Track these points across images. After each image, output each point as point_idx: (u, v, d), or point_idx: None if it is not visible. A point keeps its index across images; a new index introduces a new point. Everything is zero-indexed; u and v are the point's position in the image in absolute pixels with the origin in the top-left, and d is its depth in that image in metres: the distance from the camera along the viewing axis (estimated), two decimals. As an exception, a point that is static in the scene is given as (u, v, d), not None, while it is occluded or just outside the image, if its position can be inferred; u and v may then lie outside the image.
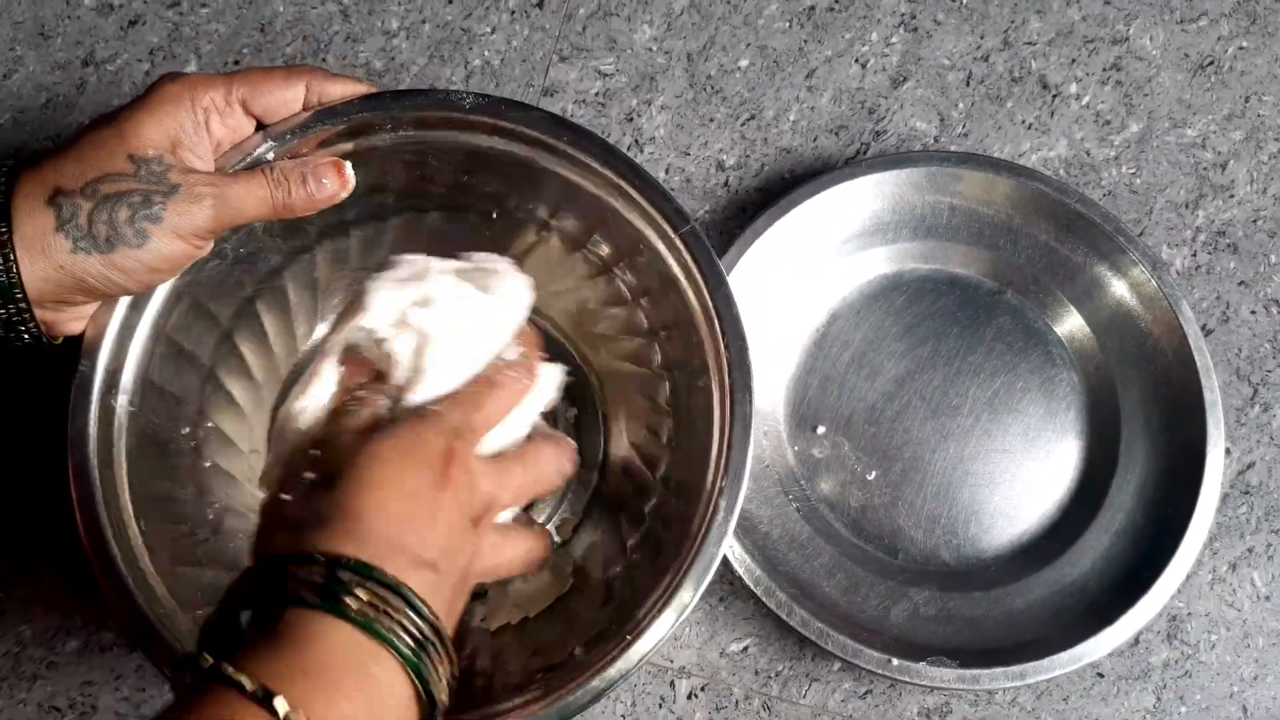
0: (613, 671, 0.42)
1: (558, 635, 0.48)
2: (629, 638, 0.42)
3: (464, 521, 0.37)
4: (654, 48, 0.62)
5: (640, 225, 0.48)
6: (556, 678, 0.43)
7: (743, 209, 0.60)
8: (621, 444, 0.54)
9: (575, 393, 0.55)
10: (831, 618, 0.51)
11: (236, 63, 0.61)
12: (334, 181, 0.45)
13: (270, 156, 0.45)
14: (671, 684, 0.53)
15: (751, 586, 0.51)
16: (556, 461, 0.43)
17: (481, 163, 0.50)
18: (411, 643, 0.33)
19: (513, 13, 0.62)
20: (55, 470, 0.43)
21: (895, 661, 0.50)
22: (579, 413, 0.55)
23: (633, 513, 0.51)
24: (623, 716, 0.53)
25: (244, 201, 0.42)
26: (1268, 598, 0.55)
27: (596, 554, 0.52)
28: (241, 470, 0.52)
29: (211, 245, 0.44)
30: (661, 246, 0.48)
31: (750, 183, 0.60)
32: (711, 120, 0.61)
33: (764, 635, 0.54)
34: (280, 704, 0.29)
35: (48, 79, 0.60)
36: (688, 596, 0.43)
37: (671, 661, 0.54)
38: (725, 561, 0.52)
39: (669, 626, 0.42)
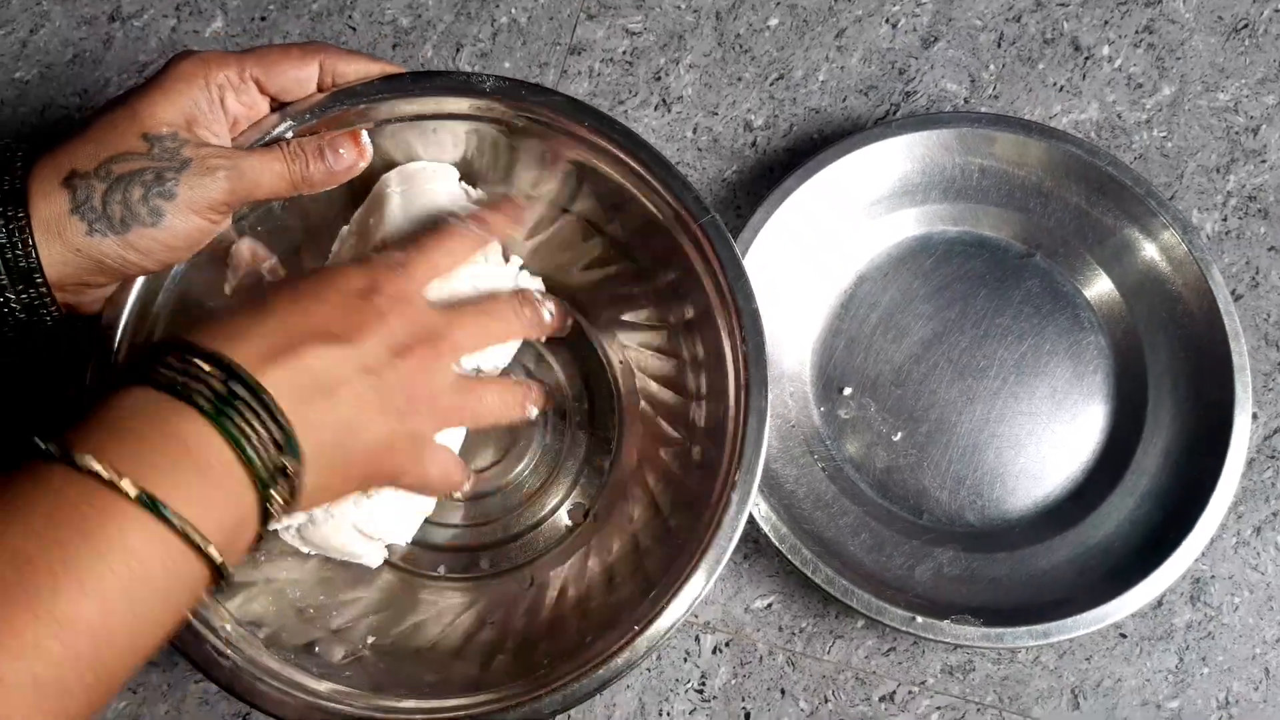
0: (619, 661, 0.43)
1: (575, 625, 0.49)
2: (636, 629, 0.43)
3: (379, 344, 0.38)
4: (682, 6, 0.61)
5: (659, 213, 0.48)
6: (562, 665, 0.43)
7: (770, 169, 0.60)
8: (636, 431, 0.54)
9: (591, 381, 0.55)
10: (856, 576, 0.52)
11: (263, 19, 0.60)
12: (352, 152, 0.45)
13: (289, 136, 0.45)
14: (696, 639, 0.54)
15: (777, 544, 0.51)
16: (516, 311, 0.45)
17: (501, 146, 0.49)
18: (212, 396, 0.33)
19: (541, -30, 0.61)
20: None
21: (919, 619, 0.50)
22: (592, 400, 0.55)
23: (646, 501, 0.51)
24: (648, 670, 0.53)
25: (259, 175, 0.42)
26: (1291, 562, 0.55)
27: (608, 542, 0.52)
28: None
29: (229, 221, 0.44)
30: (681, 236, 0.48)
31: (778, 143, 0.60)
32: (740, 80, 0.61)
33: (788, 592, 0.54)
34: (85, 460, 0.31)
35: (74, 34, 0.60)
36: (698, 587, 0.43)
37: (696, 617, 0.54)
38: (750, 519, 0.52)
39: (679, 615, 0.43)
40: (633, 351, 0.54)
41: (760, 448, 0.45)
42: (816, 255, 0.57)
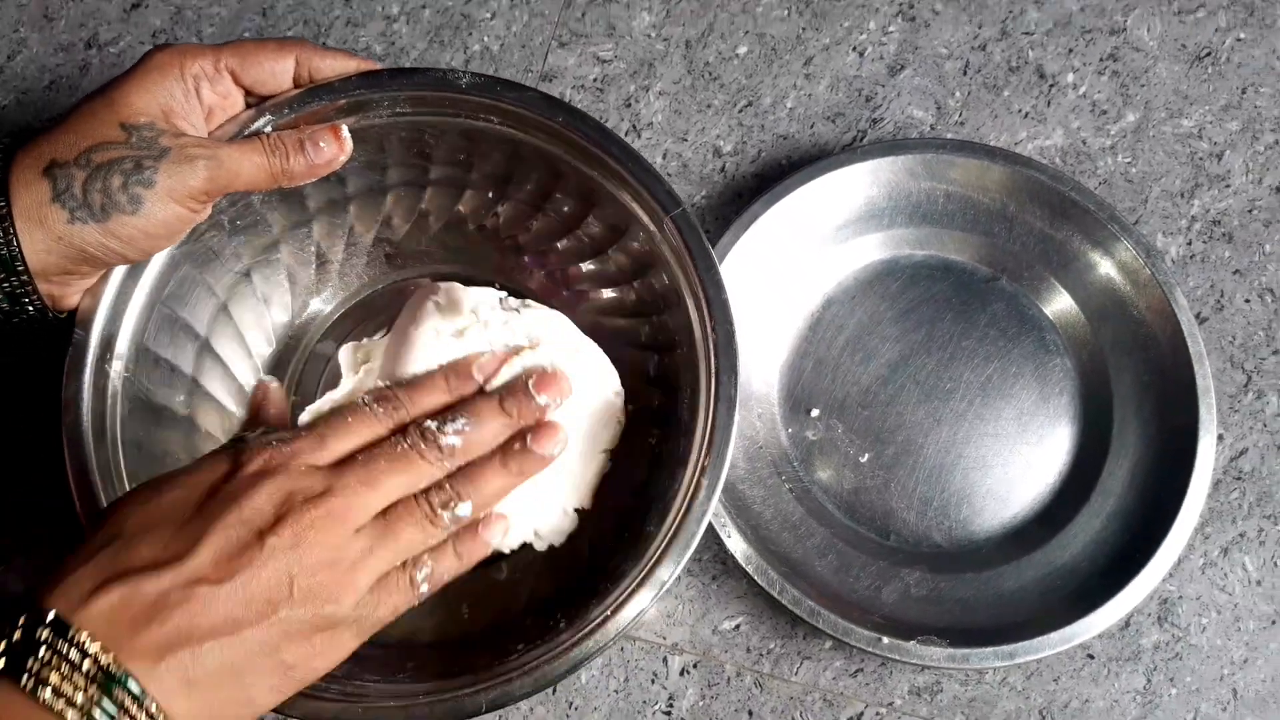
0: (590, 644, 0.43)
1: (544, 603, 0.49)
2: (609, 613, 0.43)
3: (215, 546, 0.35)
4: (653, 34, 0.62)
5: (633, 207, 0.49)
6: (536, 649, 0.43)
7: (739, 194, 0.60)
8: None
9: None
10: (823, 597, 0.52)
11: (240, 46, 0.61)
12: (332, 146, 0.45)
13: (268, 130, 0.46)
14: (664, 660, 0.54)
15: (744, 565, 0.51)
16: (420, 448, 0.40)
17: (478, 142, 0.50)
18: (10, 648, 0.32)
19: (513, 1, 0.62)
20: (54, 447, 0.44)
21: (886, 640, 0.50)
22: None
23: (615, 489, 0.51)
24: (615, 692, 0.53)
25: (239, 165, 0.43)
26: (1259, 582, 0.56)
27: (582, 529, 0.52)
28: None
29: (208, 211, 0.44)
30: (653, 229, 0.48)
31: (747, 169, 0.61)
32: (709, 106, 0.61)
33: (756, 613, 0.54)
34: None
35: (51, 61, 0.61)
36: (666, 573, 0.43)
37: (664, 638, 0.54)
38: (718, 540, 0.52)
39: (648, 601, 0.43)
40: (604, 342, 0.54)
41: (730, 435, 0.45)
42: (784, 278, 0.58)
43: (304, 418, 0.50)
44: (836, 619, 0.51)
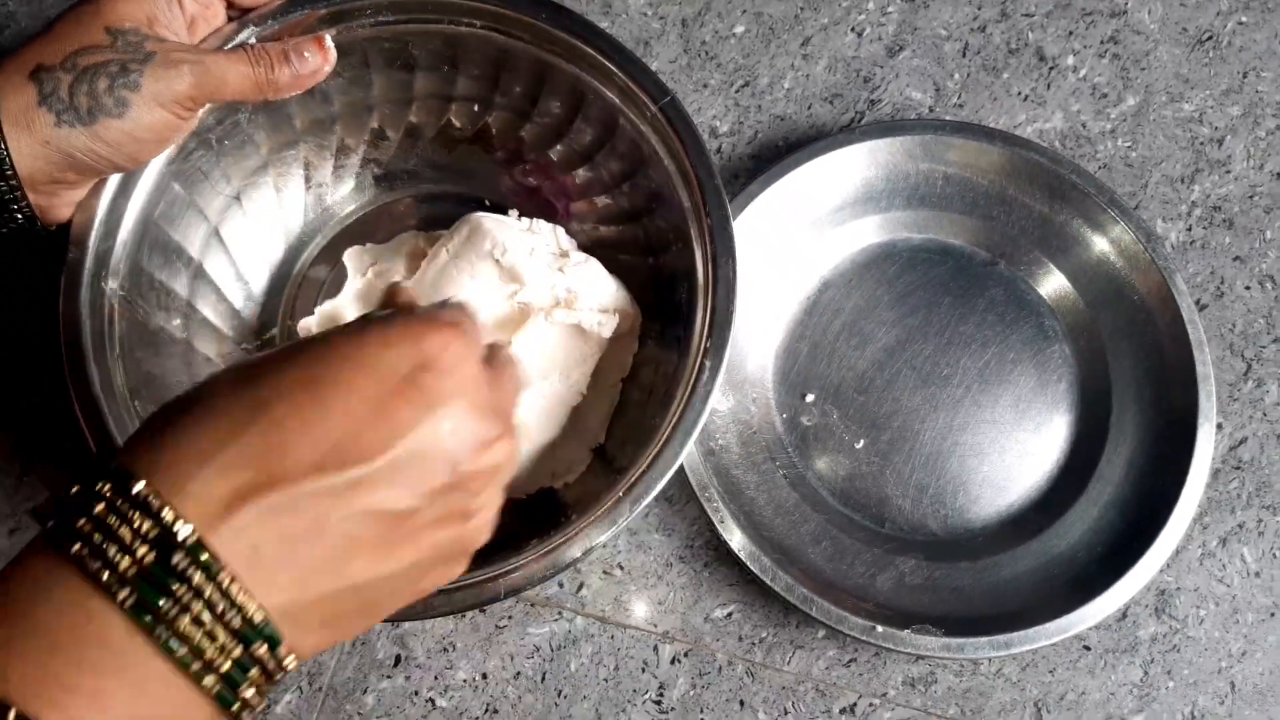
0: (600, 528, 0.43)
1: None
2: (620, 495, 0.44)
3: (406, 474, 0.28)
4: (649, 12, 0.61)
5: (620, 103, 0.50)
6: (550, 537, 0.44)
7: (735, 176, 0.59)
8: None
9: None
10: (816, 584, 0.51)
11: (227, 20, 0.60)
12: (316, 56, 0.45)
13: (252, 41, 0.46)
14: (655, 649, 0.53)
15: (736, 552, 0.51)
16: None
17: (462, 49, 0.51)
18: (136, 578, 0.25)
19: (506, -25, 0.61)
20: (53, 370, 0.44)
21: (879, 629, 0.50)
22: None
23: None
24: (605, 680, 0.52)
25: (225, 73, 0.43)
26: (1257, 574, 0.55)
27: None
28: (231, 361, 0.53)
29: (195, 121, 0.45)
30: (641, 124, 0.49)
31: (743, 150, 0.60)
32: (705, 86, 0.60)
33: (748, 601, 0.53)
34: None
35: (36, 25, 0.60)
36: (672, 457, 0.44)
37: (655, 626, 0.53)
38: (710, 527, 0.51)
39: (655, 487, 0.44)
40: (601, 251, 0.54)
41: (730, 317, 0.46)
42: (780, 261, 0.57)
43: (311, 320, 0.53)
44: (830, 607, 0.50)
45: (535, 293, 0.49)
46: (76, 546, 0.25)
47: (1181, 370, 0.54)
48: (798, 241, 0.57)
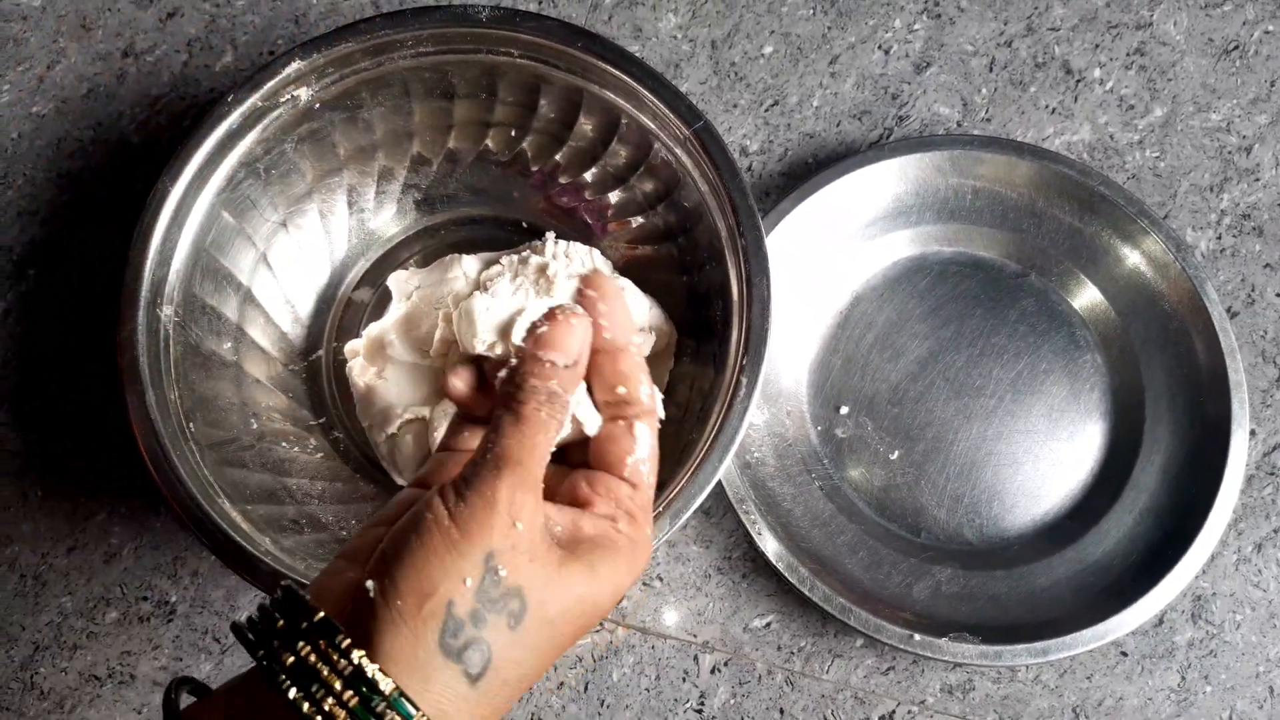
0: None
1: None
2: (659, 512, 0.45)
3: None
4: (679, 35, 0.63)
5: (653, 127, 0.51)
6: None
7: (767, 193, 0.61)
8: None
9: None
10: (853, 594, 0.52)
11: (271, 53, 0.62)
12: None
13: (296, 68, 0.50)
14: (695, 659, 0.54)
15: (774, 563, 0.52)
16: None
17: (499, 77, 0.53)
18: None
19: (540, 2, 0.63)
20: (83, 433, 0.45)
21: (917, 637, 0.50)
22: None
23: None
24: (647, 690, 0.54)
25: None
26: (1294, 579, 0.55)
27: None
28: (279, 383, 0.55)
29: None
30: (674, 146, 0.51)
31: (774, 167, 0.61)
32: (735, 106, 0.62)
33: (787, 611, 0.54)
34: None
35: (89, 70, 0.62)
36: (712, 471, 0.45)
37: (695, 636, 0.54)
38: (748, 538, 0.52)
39: (694, 504, 0.45)
40: (636, 271, 0.56)
41: (765, 334, 0.47)
42: (813, 276, 0.58)
43: (358, 343, 0.54)
44: (868, 616, 0.51)
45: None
46: (297, 693, 0.29)
47: (1214, 378, 0.55)
48: (829, 256, 0.58)
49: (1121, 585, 0.52)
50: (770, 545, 0.52)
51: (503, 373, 0.34)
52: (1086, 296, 0.58)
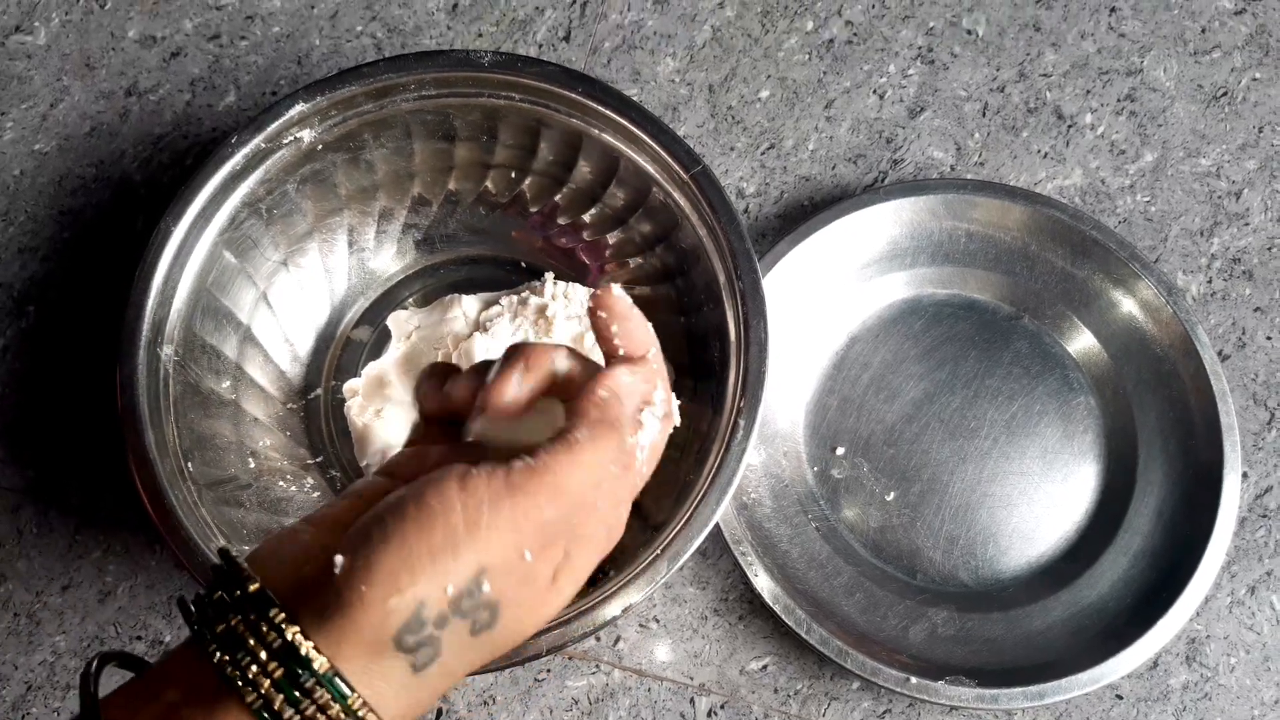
0: (638, 586, 0.45)
1: None
2: (658, 554, 0.45)
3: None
4: (677, 79, 0.63)
5: (652, 170, 0.52)
6: (587, 595, 0.45)
7: (763, 234, 0.61)
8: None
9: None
10: (850, 636, 0.52)
11: (274, 93, 0.63)
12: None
13: (299, 110, 0.51)
14: (691, 701, 0.54)
15: (771, 604, 0.52)
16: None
17: (500, 121, 0.53)
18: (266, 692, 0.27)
19: (540, 46, 0.64)
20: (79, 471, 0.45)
21: (914, 680, 0.50)
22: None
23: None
24: (643, 732, 0.53)
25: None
26: (1287, 622, 0.55)
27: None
28: (277, 421, 0.55)
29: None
30: (672, 189, 0.51)
31: (770, 209, 0.62)
32: (732, 149, 0.63)
33: (783, 654, 0.54)
34: None
35: (92, 108, 0.63)
36: (709, 514, 0.46)
37: (691, 679, 0.54)
38: (745, 580, 0.52)
39: (693, 544, 0.45)
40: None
41: (762, 377, 0.48)
42: (809, 317, 0.58)
43: (357, 381, 0.55)
44: (864, 659, 0.51)
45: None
46: (226, 660, 0.28)
47: (1206, 420, 0.55)
48: (825, 298, 0.59)
49: (1116, 627, 0.53)
50: (767, 587, 0.52)
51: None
52: (1079, 339, 0.59)
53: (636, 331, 0.34)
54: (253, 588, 0.28)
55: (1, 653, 0.55)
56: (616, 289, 0.34)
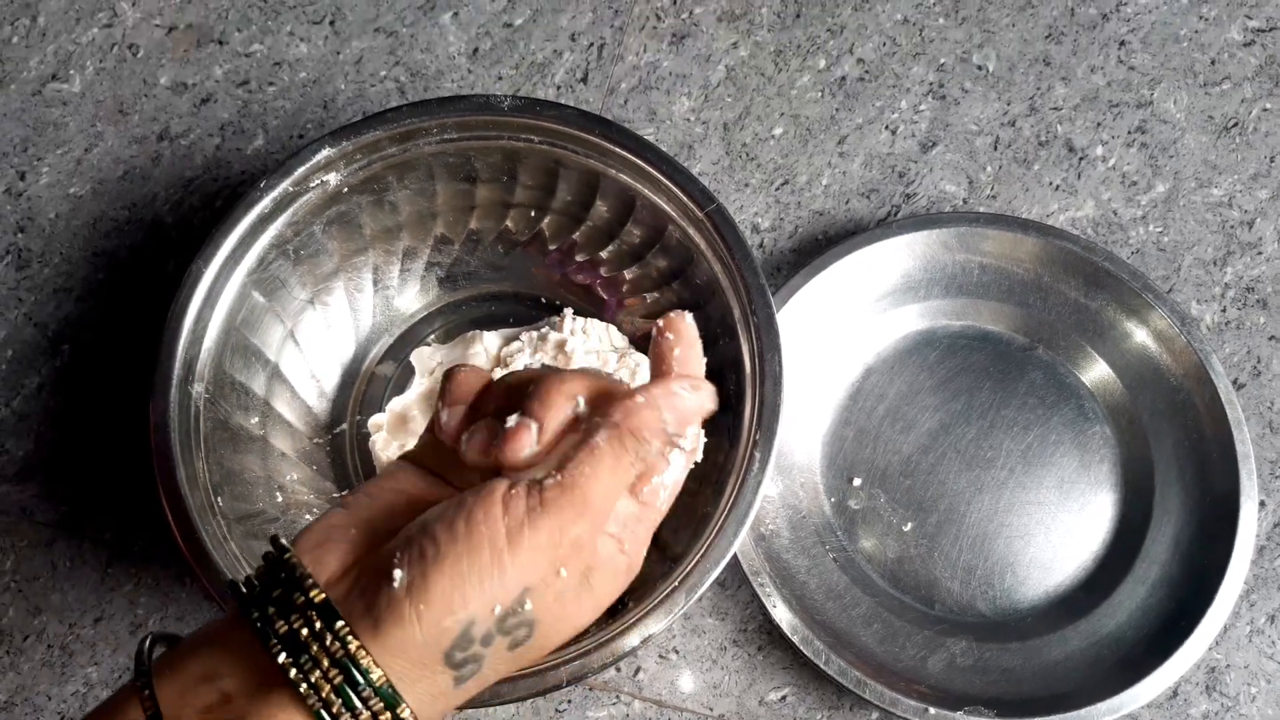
0: (657, 617, 0.45)
1: None
2: (675, 585, 0.46)
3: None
4: (692, 118, 0.65)
5: (668, 208, 0.53)
6: (606, 626, 0.46)
7: (778, 269, 0.62)
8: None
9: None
10: (868, 667, 0.52)
11: (301, 136, 0.65)
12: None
13: (325, 155, 0.52)
14: (712, 731, 0.54)
15: (789, 635, 0.52)
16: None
17: (520, 162, 0.55)
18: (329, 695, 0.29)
19: (559, 88, 0.65)
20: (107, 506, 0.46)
21: (932, 711, 0.51)
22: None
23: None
24: (664, 763, 0.54)
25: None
26: (1309, 651, 0.55)
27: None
28: (304, 456, 0.57)
29: None
30: (688, 226, 0.53)
31: (784, 244, 0.63)
32: (747, 185, 0.64)
33: (802, 684, 0.55)
34: None
35: (125, 153, 0.65)
36: (726, 546, 0.46)
37: (711, 710, 0.55)
38: (763, 610, 0.53)
39: (710, 577, 0.46)
40: (646, 331, 0.58)
41: (778, 410, 0.48)
42: (824, 350, 0.59)
43: (382, 416, 0.57)
44: (883, 689, 0.51)
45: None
46: (284, 650, 0.29)
47: (1222, 449, 0.56)
48: (840, 330, 0.60)
49: (1135, 657, 0.53)
50: (785, 618, 0.53)
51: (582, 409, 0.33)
52: (1094, 369, 0.59)
53: (694, 361, 0.36)
54: (317, 596, 0.30)
55: (35, 683, 0.56)
56: (689, 317, 0.36)
